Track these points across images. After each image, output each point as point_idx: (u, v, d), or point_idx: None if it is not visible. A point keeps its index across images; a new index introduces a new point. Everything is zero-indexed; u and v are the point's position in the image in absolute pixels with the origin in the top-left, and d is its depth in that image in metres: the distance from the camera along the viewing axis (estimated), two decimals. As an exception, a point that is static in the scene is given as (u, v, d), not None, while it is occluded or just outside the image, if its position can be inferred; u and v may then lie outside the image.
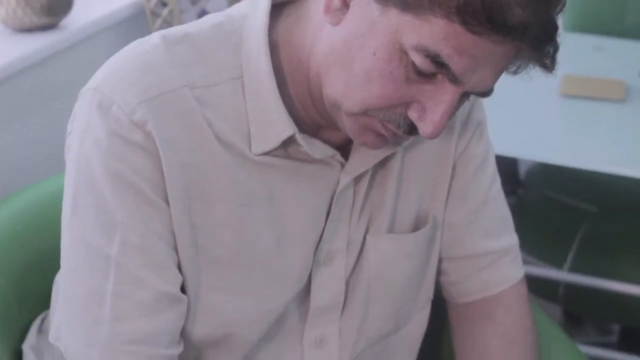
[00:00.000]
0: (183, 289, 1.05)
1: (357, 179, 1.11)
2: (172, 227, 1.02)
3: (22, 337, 1.26)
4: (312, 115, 1.06)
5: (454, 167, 1.19)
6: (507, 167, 2.34)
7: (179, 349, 1.06)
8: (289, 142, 1.04)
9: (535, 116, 2.02)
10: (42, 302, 1.27)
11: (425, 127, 0.96)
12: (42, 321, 1.27)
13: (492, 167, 1.23)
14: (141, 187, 0.99)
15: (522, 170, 2.56)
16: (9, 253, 1.28)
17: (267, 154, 1.04)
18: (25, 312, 1.28)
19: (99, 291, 1.01)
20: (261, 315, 1.09)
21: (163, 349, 1.03)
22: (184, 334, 1.07)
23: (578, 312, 2.51)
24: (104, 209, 1.00)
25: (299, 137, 1.03)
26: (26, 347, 1.24)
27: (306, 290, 1.13)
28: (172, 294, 1.03)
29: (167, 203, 1.01)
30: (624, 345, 2.44)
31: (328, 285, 1.14)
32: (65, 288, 1.06)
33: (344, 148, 1.09)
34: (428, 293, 1.24)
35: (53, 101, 2.00)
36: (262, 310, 1.09)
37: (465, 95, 0.97)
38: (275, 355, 1.13)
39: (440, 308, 1.28)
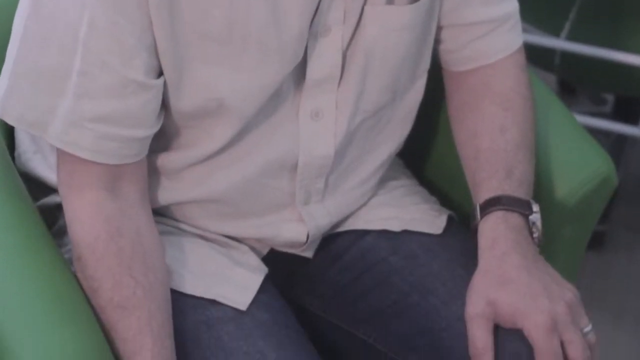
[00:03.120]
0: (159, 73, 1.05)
1: None
2: (147, 9, 1.00)
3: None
4: None
5: None
6: None
7: (147, 131, 1.06)
8: None
9: None
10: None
11: None
12: None
13: None
14: None
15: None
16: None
17: None
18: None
19: (67, 67, 1.01)
20: (256, 90, 1.08)
21: (125, 129, 1.04)
22: (170, 108, 1.07)
23: (573, 81, 2.51)
24: None
25: None
26: None
27: (302, 64, 1.11)
28: (139, 82, 1.02)
29: None
30: (618, 115, 2.45)
31: (324, 57, 1.12)
32: (24, 56, 1.04)
33: None
34: (425, 64, 1.23)
35: None
36: (257, 86, 1.08)
37: None
38: (271, 128, 1.13)
39: (437, 77, 1.27)
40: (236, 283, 1.14)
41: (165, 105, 1.08)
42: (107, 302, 1.04)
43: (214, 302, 1.12)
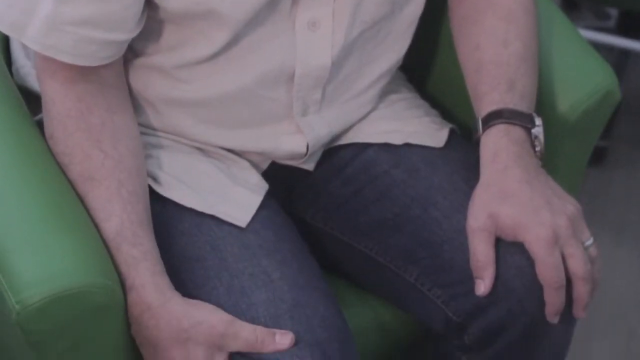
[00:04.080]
0: None
1: None
2: None
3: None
4: None
5: None
6: None
7: (127, 35, 1.06)
8: None
9: None
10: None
11: None
12: None
13: None
14: None
15: None
16: None
17: None
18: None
19: None
20: None
21: (105, 33, 1.04)
22: (159, 10, 1.07)
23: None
24: None
25: None
26: None
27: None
28: None
29: None
30: (622, 30, 2.43)
31: None
32: None
33: None
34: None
35: None
36: None
37: None
38: (267, 38, 1.12)
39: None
40: (236, 201, 1.14)
41: (154, 5, 1.07)
42: (77, 175, 1.06)
43: (217, 222, 1.12)
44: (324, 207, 1.26)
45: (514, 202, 1.08)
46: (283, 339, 1.02)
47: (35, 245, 0.98)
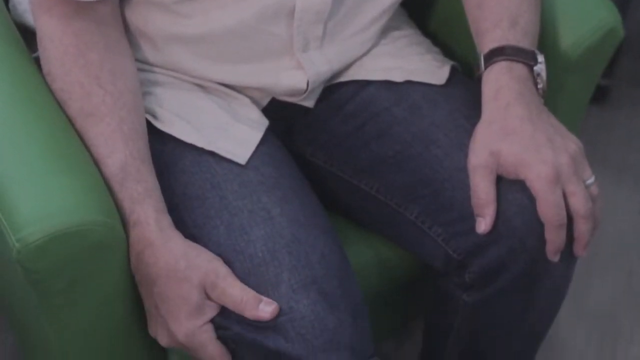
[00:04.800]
0: None
1: None
2: None
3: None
4: None
5: None
6: None
7: None
8: None
9: None
10: None
11: None
12: None
13: None
14: None
15: None
16: None
17: None
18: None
19: None
20: None
21: None
22: None
23: None
24: None
25: None
26: None
27: None
28: None
29: None
30: (625, -33, 2.40)
31: None
32: None
33: None
34: None
35: None
36: None
37: None
38: None
39: None
40: (236, 137, 1.14)
41: None
42: (77, 112, 1.06)
43: (217, 159, 1.11)
44: (324, 145, 1.25)
45: (515, 140, 1.07)
46: (266, 307, 1.01)
47: (35, 183, 0.97)
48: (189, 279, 1.00)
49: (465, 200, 1.11)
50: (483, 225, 1.09)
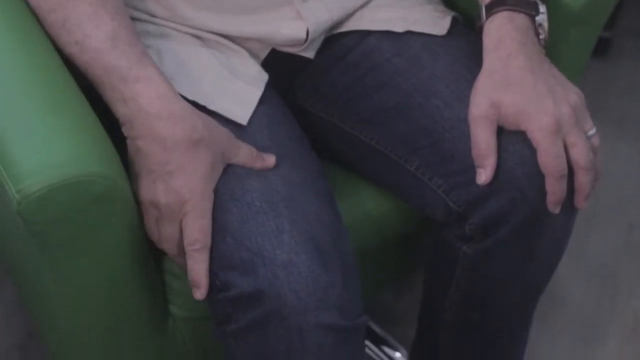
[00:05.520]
0: None
1: None
2: None
3: None
4: None
5: None
6: None
7: None
8: None
9: None
10: None
11: None
12: None
13: None
14: None
15: None
16: None
17: None
18: None
19: None
20: None
21: None
22: None
23: None
24: None
25: None
26: None
27: None
28: None
29: None
30: None
31: None
32: None
33: None
34: None
35: None
36: None
37: None
38: None
39: None
40: (236, 96, 1.13)
41: None
42: (55, 3, 1.02)
43: (217, 117, 1.09)
44: (325, 96, 1.25)
45: (516, 90, 1.06)
46: (270, 159, 1.06)
47: (35, 135, 0.97)
48: (205, 140, 1.01)
49: (465, 152, 1.10)
50: (483, 176, 1.09)
